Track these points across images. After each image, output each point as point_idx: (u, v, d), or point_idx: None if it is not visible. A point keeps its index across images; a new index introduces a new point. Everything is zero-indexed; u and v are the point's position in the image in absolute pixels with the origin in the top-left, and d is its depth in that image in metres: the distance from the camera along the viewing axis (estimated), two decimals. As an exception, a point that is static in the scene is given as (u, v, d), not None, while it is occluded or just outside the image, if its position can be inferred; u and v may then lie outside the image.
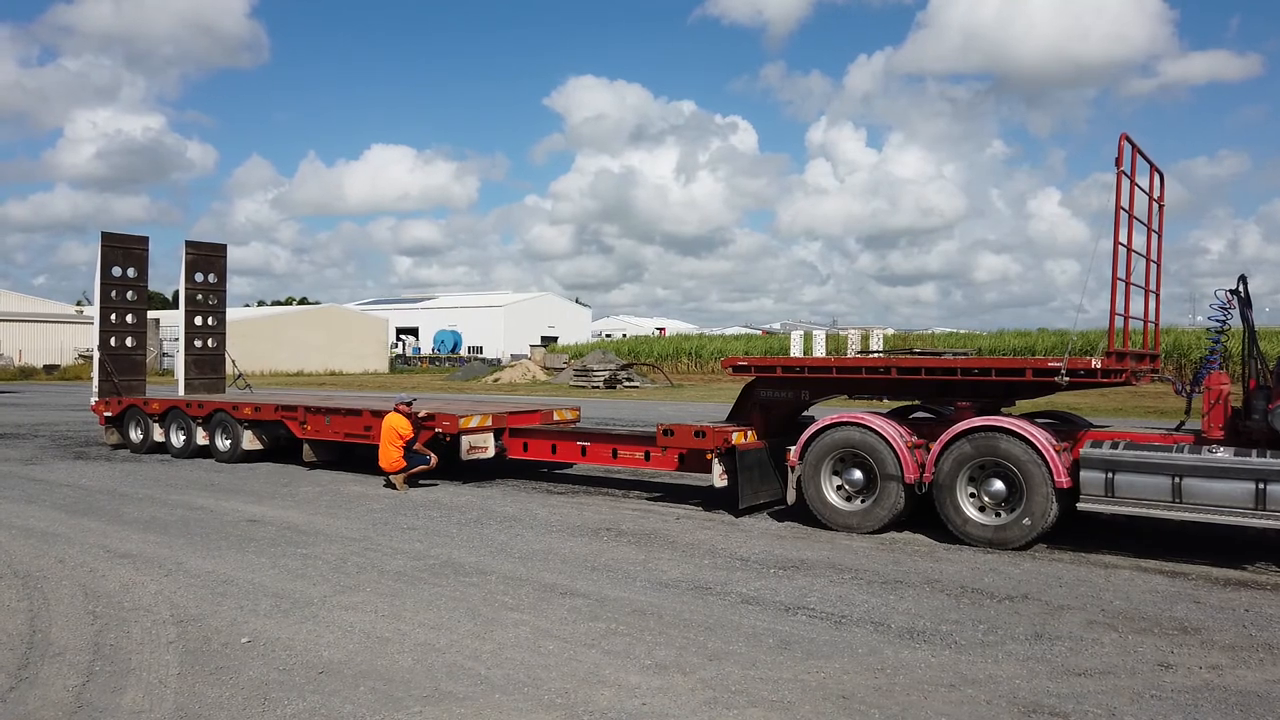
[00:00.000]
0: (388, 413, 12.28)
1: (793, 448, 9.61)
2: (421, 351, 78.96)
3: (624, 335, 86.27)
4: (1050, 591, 6.98)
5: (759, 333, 74.05)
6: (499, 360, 62.24)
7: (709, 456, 10.17)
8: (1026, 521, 8.33)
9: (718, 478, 10.09)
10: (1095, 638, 5.87)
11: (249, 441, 14.46)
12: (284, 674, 5.21)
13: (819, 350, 14.20)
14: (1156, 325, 9.96)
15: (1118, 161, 8.14)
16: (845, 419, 9.39)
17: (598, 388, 39.43)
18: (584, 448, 11.71)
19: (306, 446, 13.90)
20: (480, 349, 77.75)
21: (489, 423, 12.28)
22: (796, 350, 14.40)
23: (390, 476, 12.07)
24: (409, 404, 12.53)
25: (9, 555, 8.18)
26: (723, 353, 51.69)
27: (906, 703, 4.79)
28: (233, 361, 18.67)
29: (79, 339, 56.63)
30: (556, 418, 13.16)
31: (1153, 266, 9.64)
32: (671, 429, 10.66)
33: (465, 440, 12.03)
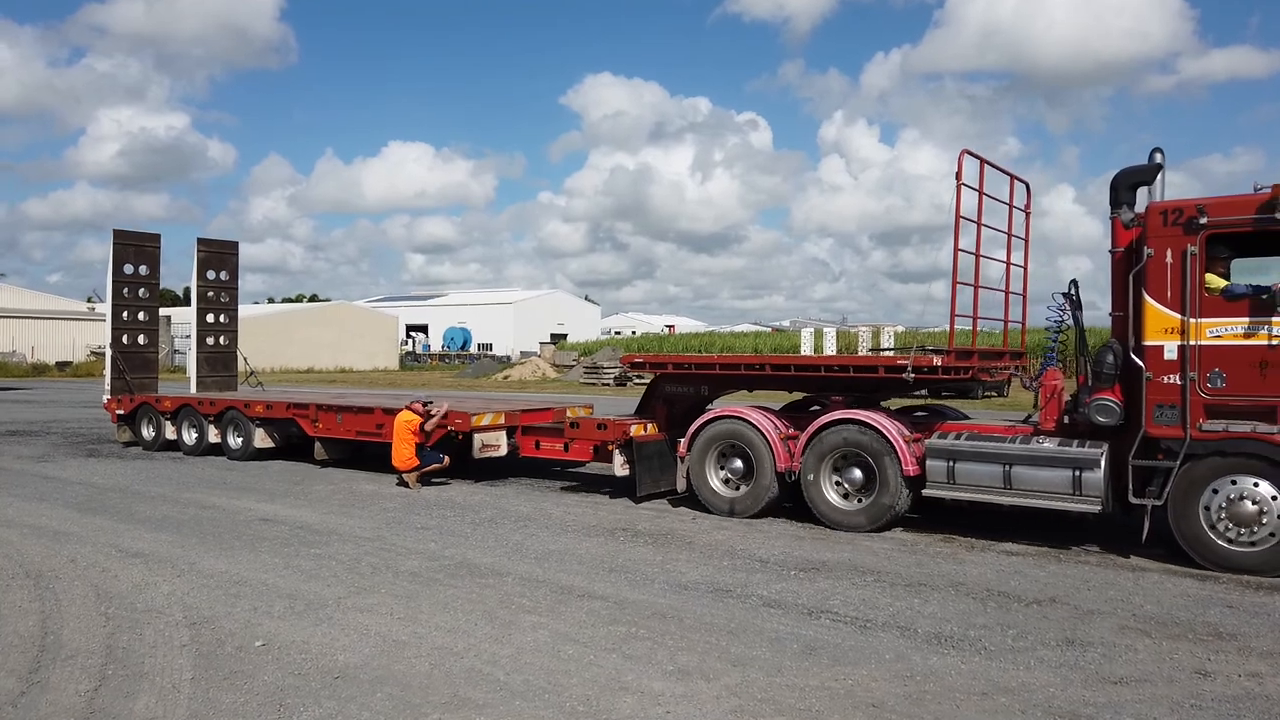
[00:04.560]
0: (400, 410, 12.19)
1: (683, 440, 10.23)
2: (431, 349, 78.92)
3: (633, 333, 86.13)
4: (1079, 595, 6.82)
5: (768, 330, 73.76)
6: (509, 358, 62.16)
7: (610, 448, 10.68)
8: (877, 508, 8.95)
9: (618, 467, 10.63)
10: (1129, 644, 5.71)
11: (261, 439, 14.39)
12: (299, 679, 5.10)
13: (829, 348, 14.49)
14: (1024, 325, 10.62)
15: (957, 175, 8.69)
16: (725, 412, 10.04)
17: (608, 385, 39.31)
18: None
19: (318, 444, 13.82)
20: (490, 346, 77.69)
21: (501, 420, 12.18)
22: (807, 348, 14.41)
23: (403, 475, 11.98)
24: (425, 404, 12.42)
25: (21, 555, 8.11)
26: (731, 349, 51.46)
27: (938, 712, 4.65)
28: (244, 359, 18.62)
29: (91, 336, 56.75)
30: (569, 415, 13.02)
31: (1015, 270, 10.26)
32: (578, 421, 11.23)
33: (478, 438, 11.93)
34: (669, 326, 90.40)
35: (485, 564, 7.77)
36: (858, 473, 9.15)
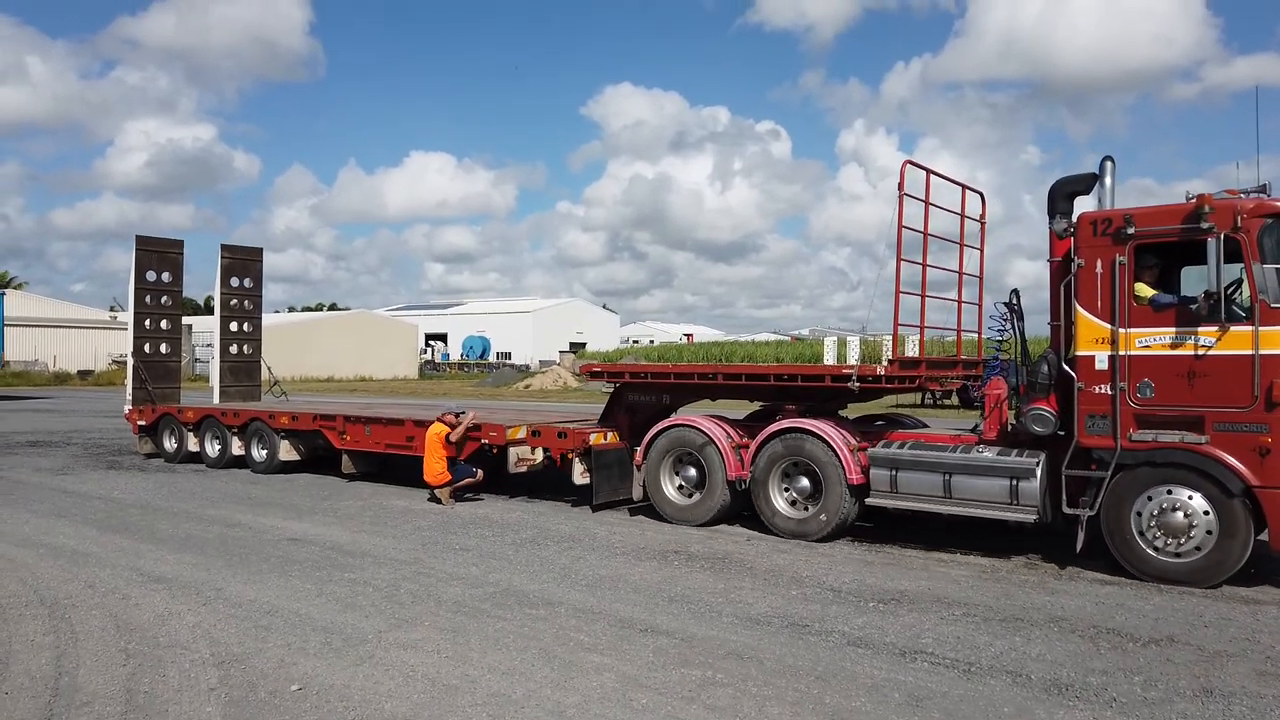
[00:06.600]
0: (431, 423, 11.63)
1: (639, 448, 10.23)
2: (450, 357, 78.64)
3: (651, 341, 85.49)
4: (1197, 633, 6.14)
5: (788, 338, 72.92)
6: (528, 366, 61.68)
7: (570, 456, 10.70)
8: (823, 517, 8.92)
9: (578, 475, 10.59)
10: (1276, 694, 5.03)
11: (286, 452, 13.87)
12: (343, 733, 4.51)
13: (853, 357, 13.95)
14: (979, 334, 10.44)
15: (899, 186, 8.64)
16: (679, 421, 10.11)
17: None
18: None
19: (346, 458, 13.28)
20: (509, 355, 77.33)
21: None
22: (830, 357, 13.85)
23: (435, 490, 11.41)
24: (457, 415, 11.85)
25: (36, 579, 7.58)
26: (751, 358, 50.59)
27: (1085, 782, 4.00)
28: (268, 368, 18.15)
29: (113, 344, 56.66)
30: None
31: (968, 280, 10.18)
32: (539, 429, 11.18)
33: (513, 452, 11.34)
34: (687, 335, 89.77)
35: (533, 592, 7.17)
36: (805, 481, 9.17)
